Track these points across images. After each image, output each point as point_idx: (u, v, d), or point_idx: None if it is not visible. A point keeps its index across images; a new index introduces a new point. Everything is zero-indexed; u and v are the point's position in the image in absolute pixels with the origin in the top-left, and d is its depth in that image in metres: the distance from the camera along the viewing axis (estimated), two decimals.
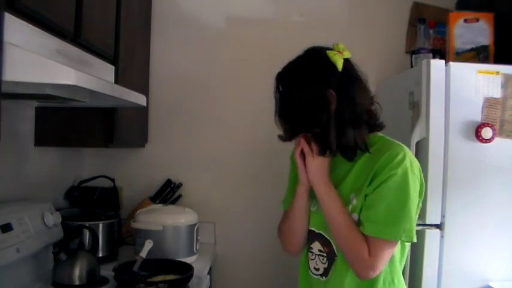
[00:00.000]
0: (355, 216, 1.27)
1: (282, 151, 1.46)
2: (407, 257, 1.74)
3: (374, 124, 1.31)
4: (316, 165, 1.29)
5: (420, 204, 1.30)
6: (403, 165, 1.21)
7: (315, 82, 1.25)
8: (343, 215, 1.26)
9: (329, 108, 1.23)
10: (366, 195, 1.25)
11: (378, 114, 1.33)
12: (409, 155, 1.25)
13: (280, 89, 1.30)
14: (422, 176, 1.29)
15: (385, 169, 1.21)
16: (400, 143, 1.28)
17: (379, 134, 1.33)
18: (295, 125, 1.29)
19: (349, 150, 1.26)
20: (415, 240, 1.24)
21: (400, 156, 1.22)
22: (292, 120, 1.29)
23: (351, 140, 1.25)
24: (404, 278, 1.75)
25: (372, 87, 2.44)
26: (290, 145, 1.38)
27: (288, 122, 1.30)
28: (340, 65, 1.25)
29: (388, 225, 1.21)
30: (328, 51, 1.27)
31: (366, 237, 1.23)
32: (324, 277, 1.34)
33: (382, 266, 1.23)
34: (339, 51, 1.27)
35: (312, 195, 1.37)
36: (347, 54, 1.28)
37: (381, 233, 1.21)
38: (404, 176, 1.21)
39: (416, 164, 1.26)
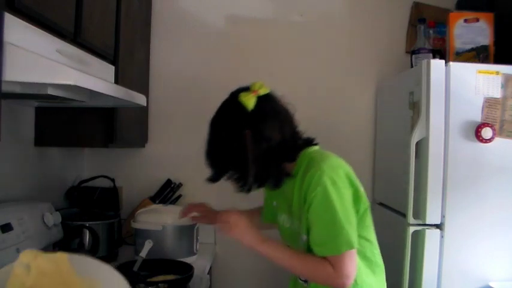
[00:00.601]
0: (304, 237, 1.32)
1: None
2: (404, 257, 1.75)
3: (294, 152, 1.36)
4: (240, 234, 1.37)
5: (368, 203, 1.35)
6: (321, 183, 1.25)
7: (229, 126, 1.33)
8: (289, 256, 1.33)
9: (245, 147, 1.29)
10: (306, 217, 1.30)
11: (300, 140, 1.38)
12: (327, 169, 1.27)
13: (207, 133, 1.37)
14: (352, 177, 1.32)
15: (307, 193, 1.27)
16: (321, 157, 1.31)
17: (311, 149, 1.38)
18: (218, 167, 1.37)
19: (272, 181, 1.35)
20: (355, 247, 1.27)
21: (316, 177, 1.26)
22: (216, 163, 1.37)
23: (271, 173, 1.33)
24: (403, 277, 1.76)
25: (372, 87, 2.49)
26: None
27: (212, 165, 1.37)
28: (250, 105, 1.30)
29: (327, 243, 1.27)
30: (240, 93, 1.32)
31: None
32: (306, 283, 1.41)
33: (351, 272, 1.26)
34: (253, 91, 1.32)
35: (283, 210, 1.44)
36: (263, 91, 1.33)
37: (327, 252, 1.27)
38: (325, 194, 1.25)
39: (338, 173, 1.28)
